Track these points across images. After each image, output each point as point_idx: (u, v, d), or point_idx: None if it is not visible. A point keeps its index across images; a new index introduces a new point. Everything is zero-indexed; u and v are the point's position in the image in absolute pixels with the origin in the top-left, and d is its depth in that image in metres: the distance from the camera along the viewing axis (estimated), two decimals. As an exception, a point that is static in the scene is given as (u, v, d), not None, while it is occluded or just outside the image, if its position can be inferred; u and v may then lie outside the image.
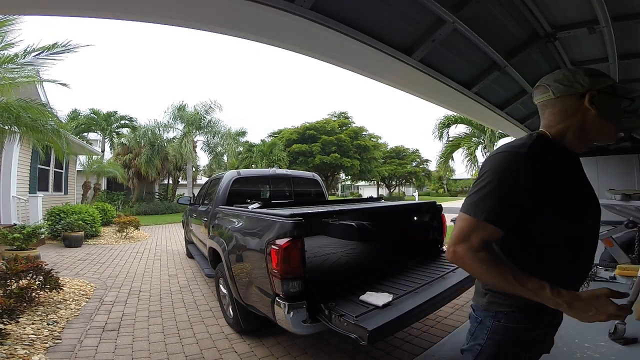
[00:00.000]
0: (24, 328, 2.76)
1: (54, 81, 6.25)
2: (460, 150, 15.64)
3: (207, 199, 4.60)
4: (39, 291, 3.33)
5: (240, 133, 21.76)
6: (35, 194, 7.85)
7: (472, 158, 15.55)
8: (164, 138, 18.70)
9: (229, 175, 4.09)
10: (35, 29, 5.63)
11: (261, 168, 18.09)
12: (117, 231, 8.58)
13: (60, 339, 2.71)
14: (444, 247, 3.28)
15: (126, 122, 22.19)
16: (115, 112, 22.02)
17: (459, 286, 2.38)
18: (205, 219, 4.01)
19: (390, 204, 3.99)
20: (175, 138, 18.44)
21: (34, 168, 8.40)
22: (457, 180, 41.53)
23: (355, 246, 3.90)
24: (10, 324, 2.63)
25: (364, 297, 2.05)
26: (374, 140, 28.39)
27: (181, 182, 22.88)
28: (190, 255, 5.88)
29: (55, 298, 3.54)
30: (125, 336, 2.85)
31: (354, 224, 3.95)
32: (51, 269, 3.52)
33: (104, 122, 21.19)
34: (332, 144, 24.46)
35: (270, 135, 27.51)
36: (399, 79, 2.70)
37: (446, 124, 15.05)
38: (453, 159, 16.36)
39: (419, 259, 3.01)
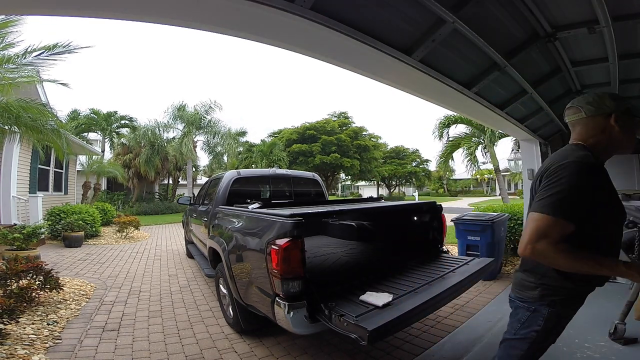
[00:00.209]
0: (24, 328, 2.76)
1: (54, 81, 6.26)
2: (460, 150, 15.67)
3: (207, 199, 4.60)
4: (39, 291, 3.33)
5: (240, 133, 21.77)
6: (35, 194, 7.85)
7: (472, 158, 15.57)
8: (164, 138, 18.71)
9: (229, 175, 4.09)
10: (36, 29, 5.63)
11: (261, 168, 18.10)
12: (117, 231, 8.58)
13: (60, 339, 2.71)
14: (444, 247, 3.28)
15: (126, 122, 22.17)
16: (115, 112, 22.00)
17: (459, 286, 2.38)
18: (205, 219, 4.01)
19: (390, 204, 3.99)
20: (175, 138, 18.44)
21: (34, 168, 8.40)
22: (457, 180, 41.48)
23: (355, 246, 3.90)
24: (10, 324, 2.63)
25: (364, 297, 2.05)
26: (374, 140, 28.36)
27: (181, 182, 22.88)
28: (190, 255, 5.88)
29: (55, 298, 3.55)
30: (125, 336, 2.85)
31: (354, 224, 3.94)
32: (51, 269, 3.52)
33: (104, 122, 21.17)
34: (332, 144, 24.43)
35: (270, 135, 27.48)
36: (399, 79, 2.70)
37: (446, 124, 15.07)
38: (453, 159, 16.41)
39: (419, 259, 3.01)
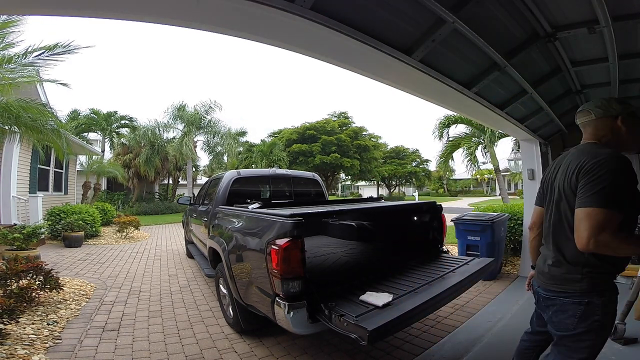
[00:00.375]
0: (24, 328, 2.76)
1: (54, 81, 6.25)
2: (460, 150, 15.66)
3: (207, 199, 4.60)
4: (39, 291, 3.33)
5: (240, 133, 21.78)
6: (35, 194, 7.85)
7: (472, 158, 15.57)
8: (164, 138, 18.70)
9: (229, 175, 4.09)
10: (36, 29, 5.63)
11: (261, 168, 18.09)
12: (117, 231, 8.58)
13: (60, 339, 2.71)
14: (444, 247, 3.28)
15: (126, 122, 22.15)
16: (115, 112, 21.97)
17: (459, 286, 2.38)
18: (205, 219, 4.01)
19: (390, 204, 3.99)
20: (175, 138, 18.43)
21: (34, 168, 8.40)
22: (457, 180, 41.47)
23: (355, 246, 3.90)
24: (10, 324, 2.63)
25: (364, 297, 2.05)
26: (374, 140, 28.35)
27: (181, 182, 22.88)
28: (190, 255, 5.88)
29: (55, 298, 3.55)
30: (125, 336, 2.85)
31: (354, 224, 3.94)
32: (51, 269, 3.52)
33: (104, 122, 21.15)
34: (332, 144, 24.42)
35: (270, 135, 27.47)
36: (399, 79, 2.70)
37: (446, 124, 15.06)
38: (453, 159, 16.40)
39: (419, 259, 3.01)
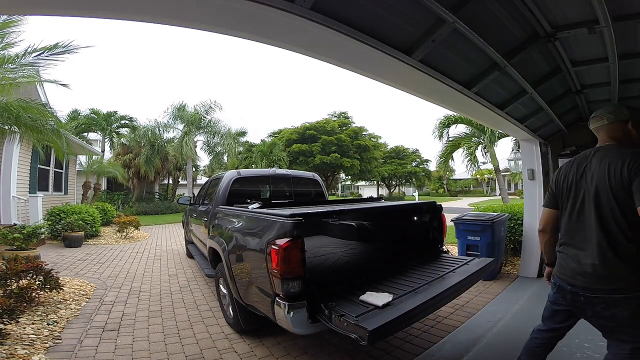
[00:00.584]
0: (24, 328, 2.76)
1: (54, 81, 6.25)
2: (460, 150, 15.67)
3: (207, 199, 4.60)
4: (39, 291, 3.33)
5: (240, 133, 21.78)
6: (35, 194, 7.85)
7: (472, 158, 15.57)
8: (164, 138, 18.68)
9: (229, 175, 4.09)
10: (36, 29, 5.63)
11: (261, 168, 18.09)
12: (117, 231, 8.59)
13: (60, 339, 2.71)
14: (444, 247, 3.28)
15: (126, 122, 22.14)
16: (115, 112, 21.96)
17: (459, 286, 2.38)
18: (205, 219, 4.01)
19: (390, 204, 3.99)
20: (175, 138, 18.43)
21: (34, 168, 8.40)
22: (457, 180, 41.47)
23: (355, 246, 3.90)
24: (10, 324, 2.63)
25: (364, 297, 2.05)
26: (374, 140, 28.34)
27: (181, 182, 22.88)
28: (190, 255, 5.88)
29: (55, 298, 3.55)
30: (125, 336, 2.85)
31: (354, 224, 3.94)
32: (51, 269, 3.52)
33: (104, 122, 21.14)
34: (332, 144, 24.41)
35: (270, 135, 27.47)
36: (399, 79, 2.70)
37: (446, 124, 15.06)
38: (453, 159, 16.41)
39: (419, 259, 3.01)
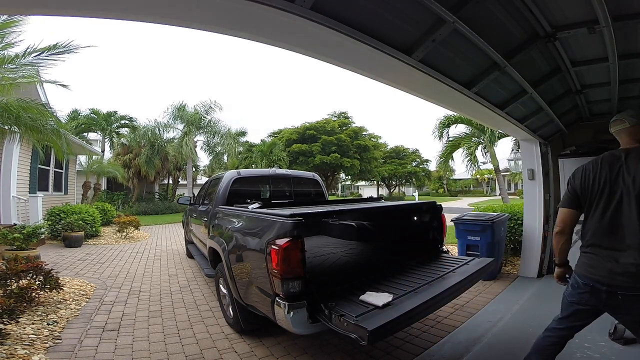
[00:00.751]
0: (24, 328, 2.76)
1: (54, 82, 6.24)
2: (460, 150, 15.67)
3: (207, 199, 4.60)
4: (39, 291, 3.33)
5: (240, 133, 21.77)
6: (35, 194, 7.85)
7: (472, 158, 15.58)
8: (164, 138, 18.68)
9: (229, 175, 4.09)
10: (37, 29, 5.62)
11: (261, 168, 18.09)
12: (117, 231, 8.58)
13: (60, 339, 2.71)
14: (444, 247, 3.28)
15: (126, 122, 22.14)
16: (115, 112, 21.95)
17: (459, 286, 2.38)
18: (205, 219, 4.01)
19: (390, 204, 3.99)
20: (175, 138, 18.43)
21: (34, 168, 8.39)
22: (457, 180, 41.46)
23: (355, 246, 3.89)
24: (10, 324, 2.63)
25: (364, 297, 2.05)
26: (374, 140, 28.34)
27: (181, 182, 22.87)
28: (190, 255, 5.88)
29: (55, 298, 3.55)
30: (125, 336, 2.85)
31: (354, 224, 3.94)
32: (51, 269, 3.52)
33: (104, 122, 21.13)
34: (332, 144, 24.41)
35: (270, 135, 27.47)
36: (399, 79, 2.70)
37: (446, 124, 15.06)
38: (453, 159, 16.42)
39: (419, 259, 3.01)
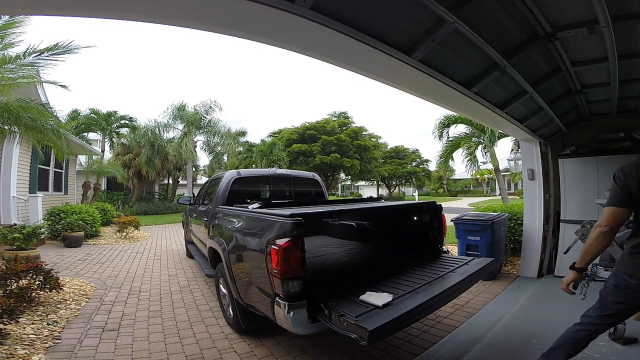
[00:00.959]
0: (24, 328, 2.76)
1: (53, 82, 6.25)
2: (460, 150, 15.64)
3: (207, 199, 4.60)
4: (39, 291, 3.33)
5: (240, 133, 21.76)
6: (35, 194, 7.85)
7: (472, 158, 15.55)
8: (164, 138, 18.69)
9: (229, 175, 4.09)
10: (36, 29, 5.64)
11: (261, 168, 18.09)
12: (117, 231, 8.58)
13: (60, 339, 2.71)
14: (444, 247, 3.28)
15: (126, 122, 22.14)
16: (115, 112, 21.95)
17: (459, 286, 2.38)
18: (205, 219, 4.01)
19: (390, 204, 3.99)
20: (175, 138, 18.43)
21: (34, 168, 8.39)
22: (457, 180, 41.45)
23: (355, 246, 3.90)
24: (10, 324, 2.63)
25: (364, 297, 2.05)
26: (374, 140, 28.35)
27: (181, 182, 22.86)
28: (190, 255, 5.88)
29: (55, 298, 3.55)
30: (125, 336, 2.85)
31: (353, 224, 3.94)
32: (51, 269, 3.52)
33: (104, 122, 21.13)
34: (332, 144, 24.42)
35: (270, 135, 27.49)
36: (399, 79, 2.70)
37: (446, 124, 15.04)
38: (453, 159, 16.37)
39: (419, 259, 3.01)
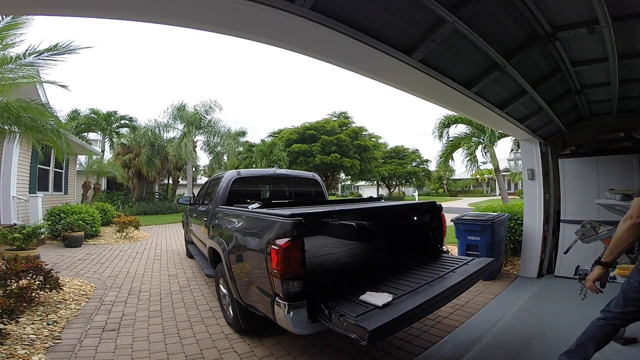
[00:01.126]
0: (24, 328, 2.76)
1: (53, 82, 6.24)
2: (460, 150, 15.65)
3: (207, 199, 4.60)
4: (39, 291, 3.33)
5: (240, 133, 21.76)
6: (35, 194, 7.85)
7: (472, 158, 15.55)
8: (164, 138, 18.70)
9: (229, 175, 4.09)
10: (37, 29, 5.63)
11: (261, 168, 18.09)
12: (117, 231, 8.58)
13: (60, 339, 2.71)
14: (444, 247, 3.28)
15: (126, 122, 22.14)
16: (115, 112, 21.96)
17: (459, 286, 2.38)
18: (205, 219, 4.01)
19: (390, 204, 3.99)
20: (175, 138, 18.44)
21: (34, 168, 8.39)
22: (457, 180, 41.46)
23: (355, 246, 3.90)
24: (10, 324, 2.63)
25: (364, 297, 2.05)
26: (374, 140, 28.37)
27: (181, 182, 22.87)
28: (190, 255, 5.88)
29: (55, 298, 3.55)
30: (125, 336, 2.85)
31: (353, 224, 3.94)
32: (51, 269, 3.52)
33: (104, 122, 21.13)
34: (332, 144, 24.43)
35: (270, 135, 27.51)
36: (399, 79, 2.70)
37: (446, 124, 15.04)
38: (453, 159, 16.37)
39: (419, 259, 3.01)
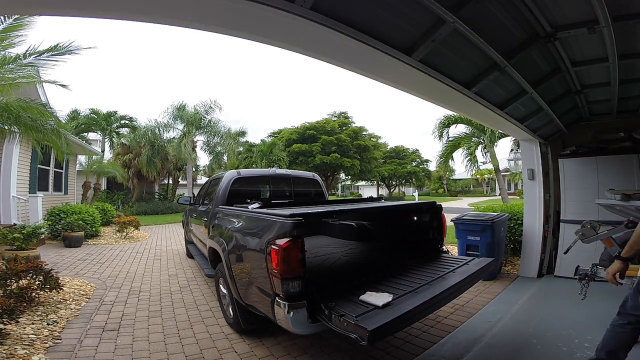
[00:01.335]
0: (24, 328, 2.76)
1: (53, 82, 6.22)
2: (460, 150, 15.65)
3: (207, 199, 4.60)
4: (39, 291, 3.33)
5: (240, 133, 21.77)
6: (35, 194, 7.85)
7: (472, 158, 15.56)
8: (164, 138, 18.70)
9: (229, 175, 4.09)
10: (37, 29, 5.63)
11: (261, 168, 18.10)
12: (117, 231, 8.58)
13: (60, 339, 2.71)
14: (444, 247, 3.28)
15: (126, 122, 22.14)
16: (115, 112, 21.96)
17: (459, 286, 2.38)
18: (205, 219, 4.01)
19: (390, 204, 3.99)
20: (175, 138, 18.44)
21: (34, 168, 8.39)
22: (457, 180, 41.46)
23: (355, 246, 3.90)
24: (10, 324, 2.63)
25: (364, 297, 2.05)
26: (374, 140, 28.38)
27: (181, 182, 22.87)
28: (190, 255, 5.88)
29: (55, 298, 3.55)
30: (125, 336, 2.85)
31: (353, 224, 3.94)
32: (51, 269, 3.52)
33: (104, 122, 21.13)
34: (332, 144, 24.44)
35: (270, 135, 27.53)
36: (399, 79, 2.70)
37: (446, 124, 15.04)
38: (453, 159, 16.38)
39: (419, 259, 3.01)
